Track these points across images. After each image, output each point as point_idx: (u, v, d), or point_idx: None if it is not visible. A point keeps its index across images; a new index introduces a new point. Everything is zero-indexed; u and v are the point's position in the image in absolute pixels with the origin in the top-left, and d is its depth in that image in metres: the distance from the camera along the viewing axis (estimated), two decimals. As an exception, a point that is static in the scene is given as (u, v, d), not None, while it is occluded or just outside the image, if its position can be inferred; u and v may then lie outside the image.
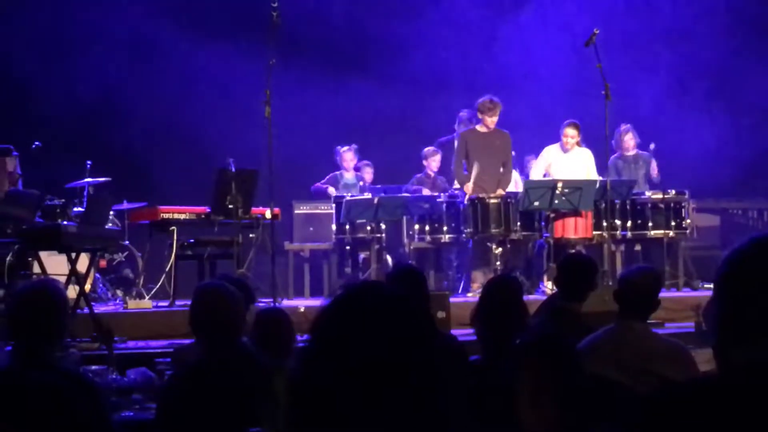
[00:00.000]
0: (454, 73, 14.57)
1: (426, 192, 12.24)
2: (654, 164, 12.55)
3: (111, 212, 10.90)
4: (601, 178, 11.73)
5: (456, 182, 12.03)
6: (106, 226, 10.13)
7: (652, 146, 12.59)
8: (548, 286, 10.86)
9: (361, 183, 12.71)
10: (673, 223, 11.95)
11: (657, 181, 12.51)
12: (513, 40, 14.53)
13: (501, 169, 11.74)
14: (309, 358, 1.84)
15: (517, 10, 14.67)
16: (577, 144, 11.94)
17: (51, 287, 4.37)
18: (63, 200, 10.79)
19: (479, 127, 11.75)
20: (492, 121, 11.63)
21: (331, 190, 12.52)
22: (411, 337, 1.82)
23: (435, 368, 1.82)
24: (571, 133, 11.86)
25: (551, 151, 12.03)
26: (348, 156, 12.73)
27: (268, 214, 10.81)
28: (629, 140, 12.48)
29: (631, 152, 12.54)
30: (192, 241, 10.89)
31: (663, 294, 5.53)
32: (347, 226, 11.95)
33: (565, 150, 11.92)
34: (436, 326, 1.93)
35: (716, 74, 14.68)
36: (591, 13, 13.76)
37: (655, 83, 14.49)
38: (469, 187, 11.47)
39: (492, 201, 11.45)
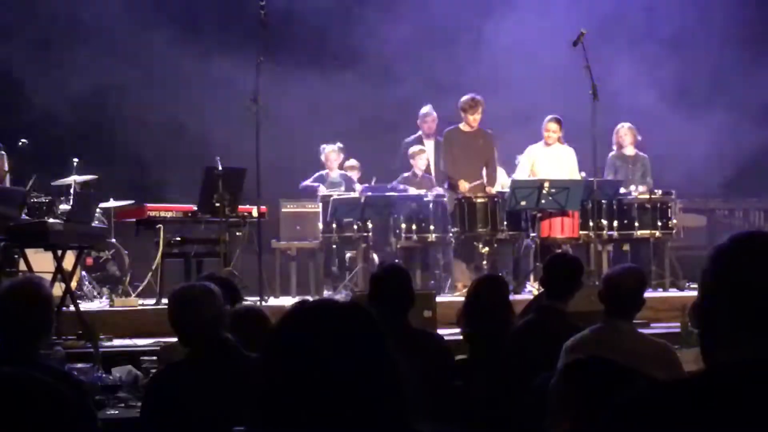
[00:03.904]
0: (443, 72, 14.56)
1: (413, 190, 12.24)
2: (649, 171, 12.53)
3: (97, 210, 10.88)
4: (584, 174, 11.77)
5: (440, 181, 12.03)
6: (93, 224, 10.11)
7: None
8: (535, 286, 10.87)
9: (358, 186, 12.66)
10: (659, 224, 11.97)
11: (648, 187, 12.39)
12: (502, 39, 14.51)
13: (484, 169, 11.71)
14: (267, 368, 1.94)
15: (507, 9, 14.65)
16: (559, 140, 11.94)
17: (36, 284, 4.36)
18: (49, 197, 10.77)
19: (462, 126, 11.73)
20: (475, 119, 11.61)
21: (322, 189, 12.53)
22: (359, 355, 1.90)
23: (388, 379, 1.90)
24: (552, 128, 11.88)
25: (534, 149, 12.04)
26: (332, 155, 12.75)
27: (254, 213, 10.81)
28: (624, 136, 12.46)
29: (631, 151, 12.51)
30: (178, 239, 10.88)
31: (649, 294, 5.55)
32: (334, 225, 11.95)
33: (547, 144, 11.94)
34: (383, 340, 1.99)
35: (706, 76, 14.71)
36: (587, 13, 13.74)
37: (643, 84, 14.50)
38: (464, 184, 11.45)
39: (479, 201, 11.45)
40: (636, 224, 11.94)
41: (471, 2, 14.95)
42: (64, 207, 10.72)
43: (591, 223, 11.47)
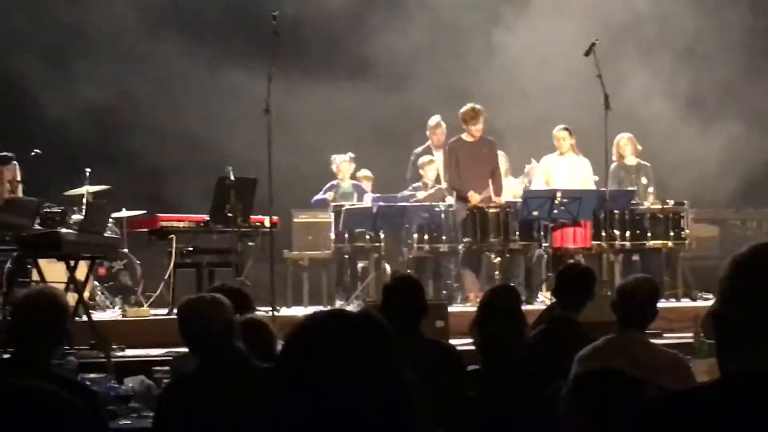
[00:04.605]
0: (455, 80, 14.55)
1: (420, 195, 12.21)
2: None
3: (110, 220, 10.90)
4: (597, 178, 11.74)
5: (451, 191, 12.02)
6: (105, 234, 10.13)
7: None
8: (547, 296, 10.85)
9: (369, 195, 12.67)
10: (672, 234, 11.94)
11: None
12: (514, 48, 14.51)
13: (490, 179, 11.70)
14: (278, 378, 1.95)
15: (519, 18, 14.66)
16: (573, 149, 11.91)
17: (52, 294, 4.37)
18: (62, 208, 10.79)
19: (465, 137, 11.71)
20: (477, 129, 11.59)
21: (329, 196, 12.53)
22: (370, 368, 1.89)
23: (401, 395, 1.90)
24: (562, 136, 11.87)
25: (549, 160, 12.03)
26: (343, 165, 12.75)
27: (267, 223, 10.81)
28: (624, 146, 12.40)
29: (632, 161, 12.47)
30: (191, 249, 10.89)
31: (662, 304, 5.53)
32: (346, 235, 11.94)
33: (561, 154, 11.92)
34: (395, 352, 1.98)
35: (718, 86, 14.67)
36: (599, 22, 13.72)
37: (656, 94, 14.48)
38: (475, 196, 11.44)
39: (491, 211, 11.44)
40: (648, 235, 11.91)
41: (483, 10, 14.95)
42: (76, 217, 10.74)
43: (603, 234, 11.44)
